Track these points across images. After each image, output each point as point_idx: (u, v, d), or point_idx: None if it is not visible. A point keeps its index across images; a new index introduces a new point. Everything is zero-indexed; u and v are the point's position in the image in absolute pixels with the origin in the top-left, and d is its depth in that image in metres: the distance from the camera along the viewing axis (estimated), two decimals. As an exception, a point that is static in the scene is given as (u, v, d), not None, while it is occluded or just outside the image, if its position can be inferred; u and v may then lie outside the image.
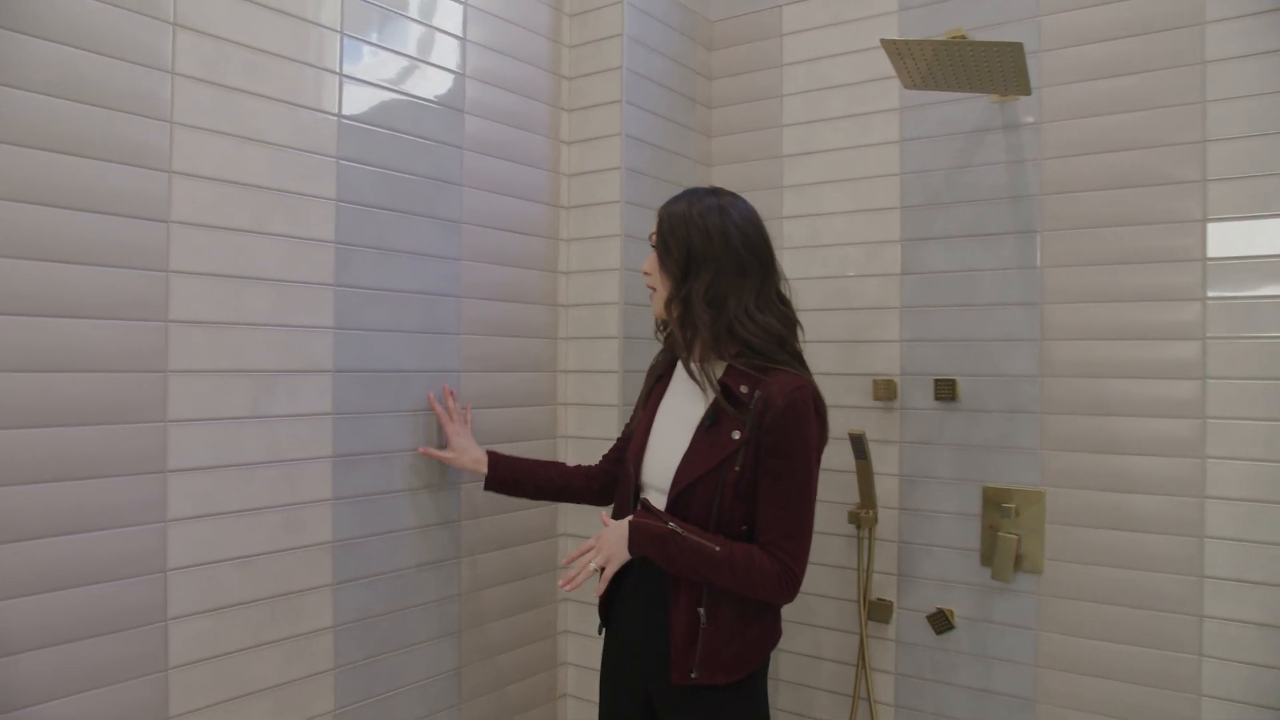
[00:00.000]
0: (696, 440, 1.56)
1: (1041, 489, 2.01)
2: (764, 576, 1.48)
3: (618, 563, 1.55)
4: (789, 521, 1.51)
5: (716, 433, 1.54)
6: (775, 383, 1.51)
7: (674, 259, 1.58)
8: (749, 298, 1.56)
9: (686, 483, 1.54)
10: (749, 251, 1.57)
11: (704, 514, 1.53)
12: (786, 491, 1.50)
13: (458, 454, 1.91)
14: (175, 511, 1.51)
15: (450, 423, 1.94)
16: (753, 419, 1.50)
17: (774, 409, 1.49)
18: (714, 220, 1.56)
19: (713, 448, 1.53)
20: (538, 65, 2.24)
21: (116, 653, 1.44)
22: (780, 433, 1.49)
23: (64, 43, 1.37)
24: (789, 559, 1.49)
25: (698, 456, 1.54)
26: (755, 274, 1.58)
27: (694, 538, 1.48)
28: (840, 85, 2.32)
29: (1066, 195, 2.00)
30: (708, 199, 1.60)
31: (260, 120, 1.64)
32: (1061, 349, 2.00)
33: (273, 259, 1.66)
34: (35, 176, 1.34)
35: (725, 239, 1.55)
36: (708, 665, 1.53)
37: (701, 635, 1.52)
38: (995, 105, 2.08)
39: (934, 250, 2.17)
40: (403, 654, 1.90)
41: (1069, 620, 1.98)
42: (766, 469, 1.50)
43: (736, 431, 1.51)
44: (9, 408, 1.31)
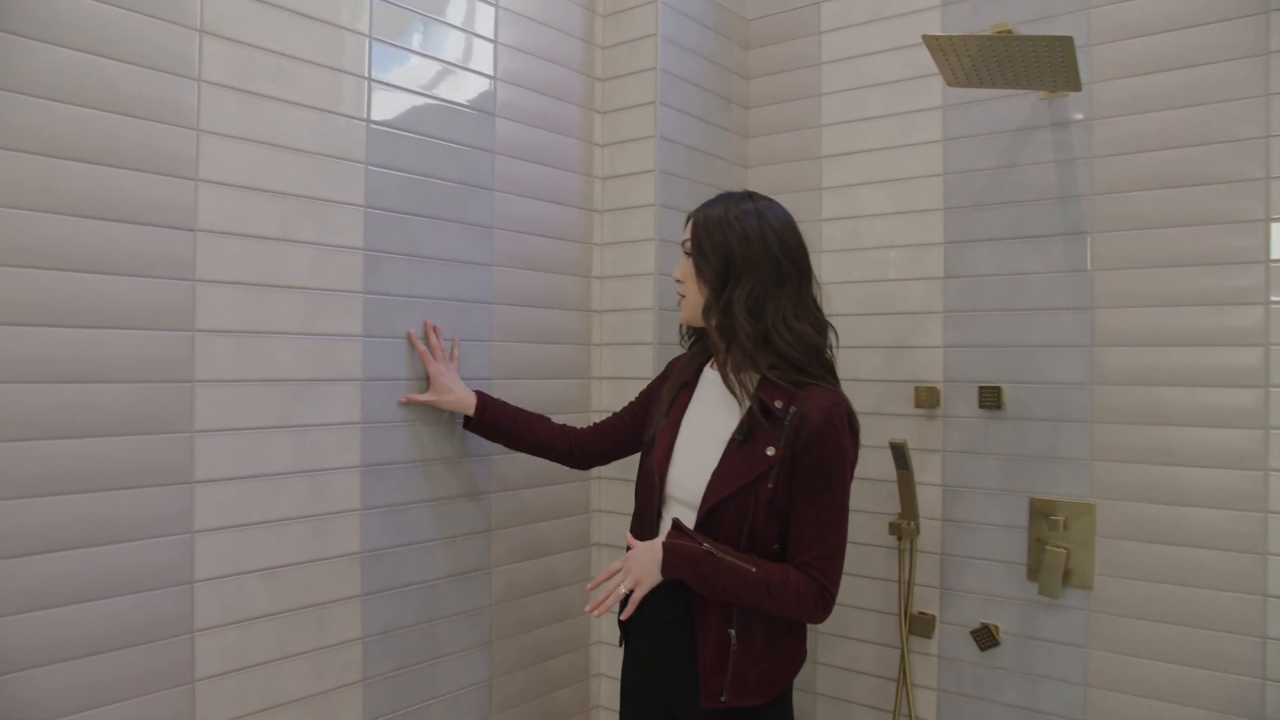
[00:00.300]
0: (728, 456, 1.50)
1: (1091, 501, 1.93)
2: (800, 597, 1.45)
3: (648, 586, 1.49)
4: (826, 541, 1.47)
5: (750, 449, 1.48)
6: (812, 399, 1.47)
7: (711, 265, 1.53)
8: (787, 306, 1.52)
9: (718, 499, 1.48)
10: (787, 258, 1.53)
11: (735, 532, 1.47)
12: (823, 510, 1.47)
13: (440, 394, 1.81)
14: (202, 523, 1.50)
15: (434, 361, 1.82)
16: (788, 435, 1.46)
17: (811, 426, 1.45)
18: (752, 225, 1.52)
19: (746, 464, 1.48)
20: (570, 67, 2.20)
21: (144, 664, 1.43)
22: (817, 451, 1.45)
23: (91, 52, 1.36)
24: (825, 579, 1.46)
25: (730, 472, 1.49)
26: (793, 281, 1.54)
27: (729, 558, 1.44)
28: (881, 83, 2.26)
29: (1119, 195, 1.91)
30: (744, 203, 1.55)
31: (288, 126, 1.62)
32: (1113, 355, 1.92)
33: (301, 267, 1.64)
34: (62, 186, 1.33)
35: (764, 245, 1.51)
36: (738, 687, 1.48)
37: (732, 657, 1.48)
38: (1043, 102, 2.00)
39: (979, 253, 2.10)
40: (433, 665, 1.88)
41: (1121, 638, 1.90)
42: (803, 487, 1.46)
43: (771, 448, 1.46)
44: (35, 419, 1.31)
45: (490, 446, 1.98)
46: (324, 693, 1.68)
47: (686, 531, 1.48)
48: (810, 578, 1.45)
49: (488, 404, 1.83)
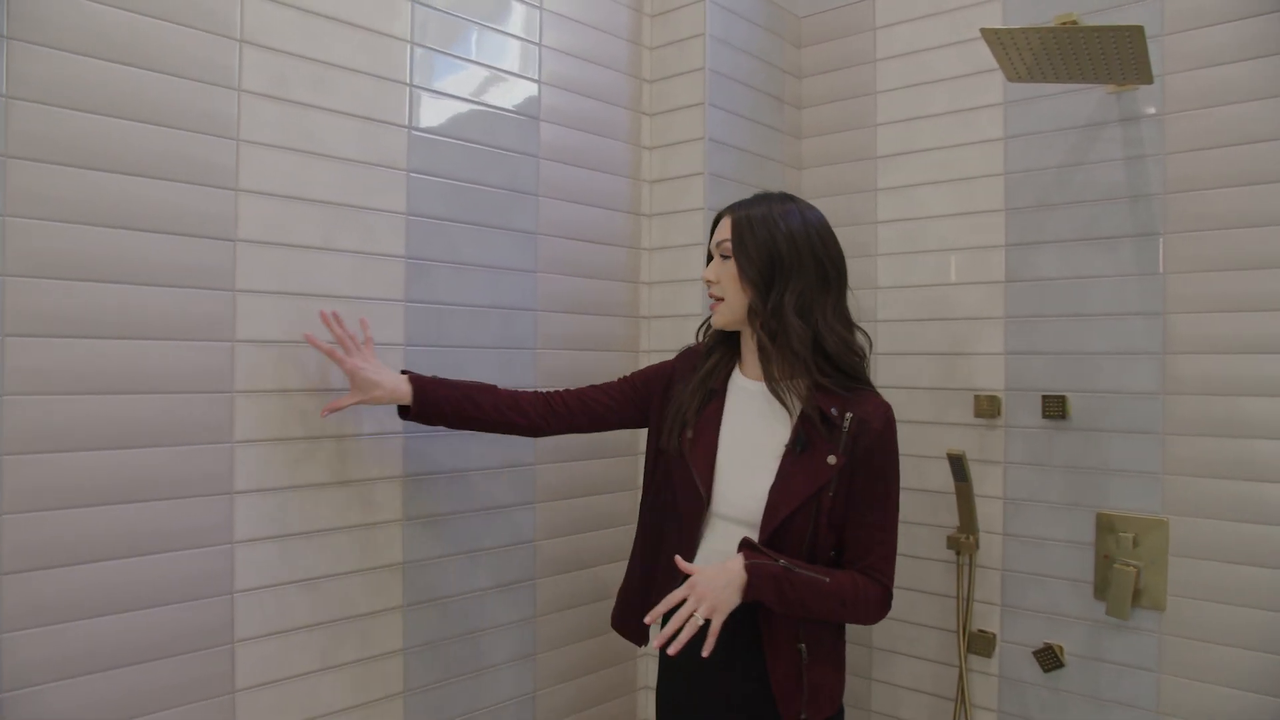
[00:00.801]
0: (786, 467, 1.44)
1: (1164, 517, 1.83)
2: (870, 602, 1.44)
3: (726, 612, 1.33)
4: (887, 544, 1.47)
5: (808, 459, 1.43)
6: (868, 404, 1.46)
7: (756, 266, 1.46)
8: (830, 310, 1.47)
9: (784, 515, 1.41)
10: (829, 261, 1.48)
11: (799, 546, 1.42)
12: (884, 514, 1.47)
13: (366, 391, 1.54)
14: (242, 533, 1.50)
15: (347, 357, 1.54)
16: (847, 442, 1.42)
17: (871, 431, 1.43)
18: (797, 225, 1.47)
19: (806, 475, 1.42)
20: (617, 69, 2.16)
21: (185, 674, 1.43)
22: (880, 456, 1.45)
23: (131, 64, 1.36)
24: (889, 580, 1.47)
25: (792, 485, 1.42)
26: (835, 285, 1.49)
27: (806, 572, 1.38)
28: (938, 80, 2.17)
29: (1193, 194, 1.80)
30: (786, 203, 1.49)
31: (328, 134, 1.61)
32: (1187, 363, 1.81)
33: (341, 275, 1.63)
34: (103, 198, 1.34)
35: (810, 246, 1.46)
36: (815, 702, 1.44)
37: (806, 672, 1.43)
38: (1112, 96, 1.90)
39: (1042, 255, 2.00)
40: (475, 678, 1.86)
41: (1196, 664, 1.79)
42: (865, 493, 1.44)
43: (832, 456, 1.42)
44: (78, 430, 1.31)
45: (534, 456, 1.95)
46: (365, 704, 1.67)
47: (759, 549, 1.39)
48: (875, 581, 1.45)
49: (425, 387, 1.58)
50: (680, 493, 1.55)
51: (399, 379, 1.58)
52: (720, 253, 1.51)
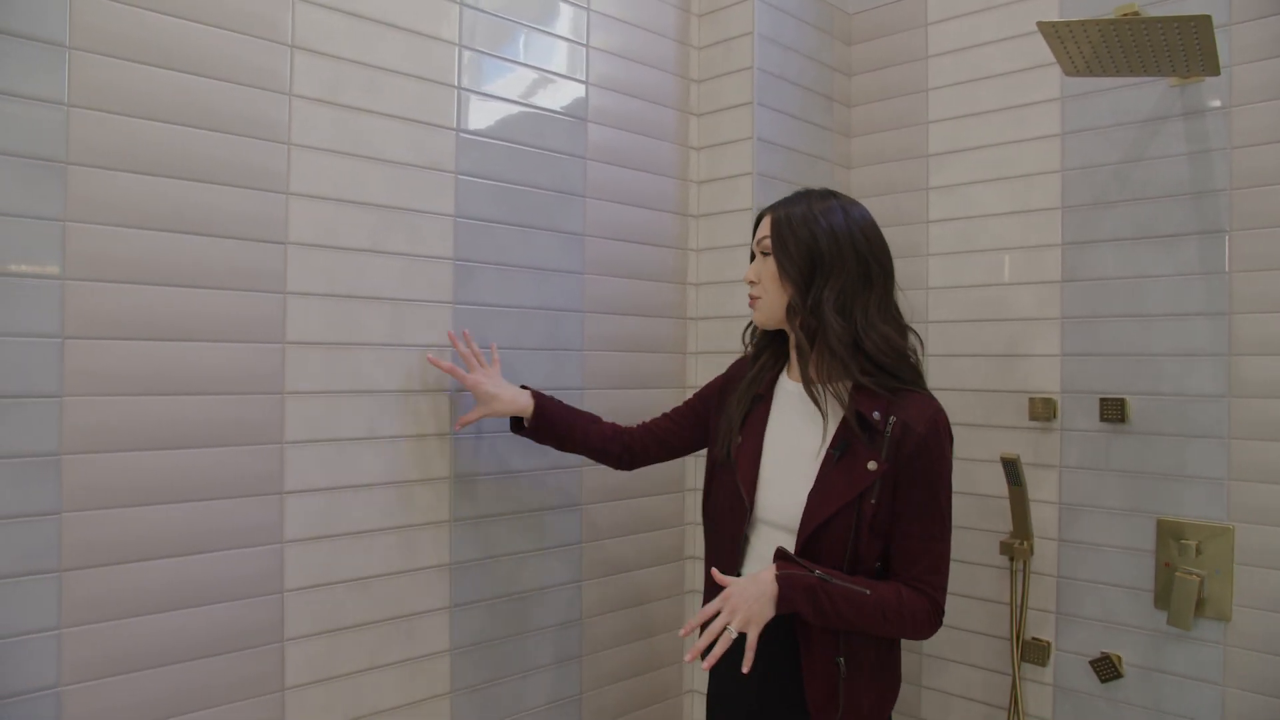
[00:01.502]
0: (825, 472, 1.40)
1: (1229, 524, 1.77)
2: (915, 616, 1.37)
3: (760, 625, 1.31)
4: (934, 554, 1.39)
5: (849, 464, 1.38)
6: (912, 406, 1.39)
7: (795, 263, 1.43)
8: (874, 308, 1.42)
9: (819, 521, 1.37)
10: (873, 258, 1.44)
11: (838, 554, 1.37)
12: (931, 523, 1.39)
13: (488, 404, 1.66)
14: (292, 533, 1.52)
15: (469, 374, 1.67)
16: (889, 447, 1.37)
17: (915, 436, 1.36)
18: (839, 222, 1.43)
19: (846, 480, 1.38)
20: (664, 69, 2.15)
21: (236, 672, 1.45)
22: (924, 462, 1.37)
23: (184, 70, 1.39)
24: (936, 593, 1.39)
25: (830, 490, 1.38)
26: (879, 283, 1.44)
27: (843, 584, 1.33)
28: (992, 76, 2.12)
29: (1261, 189, 1.74)
30: (827, 200, 1.46)
31: (377, 138, 1.62)
32: (1254, 366, 1.74)
33: (390, 278, 1.64)
34: (156, 203, 1.36)
35: (852, 243, 1.42)
36: (852, 715, 1.40)
37: (843, 686, 1.39)
38: (1175, 89, 1.84)
39: (1100, 254, 1.94)
40: (521, 679, 1.86)
41: (1264, 677, 1.73)
42: (909, 500, 1.37)
43: (873, 462, 1.37)
44: (132, 431, 1.34)
45: (580, 459, 1.95)
46: (412, 704, 1.68)
47: (793, 559, 1.36)
48: (921, 593, 1.38)
49: (544, 405, 1.70)
50: (724, 500, 1.53)
51: (519, 393, 1.69)
52: (760, 250, 1.49)
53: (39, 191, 1.26)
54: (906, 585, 1.38)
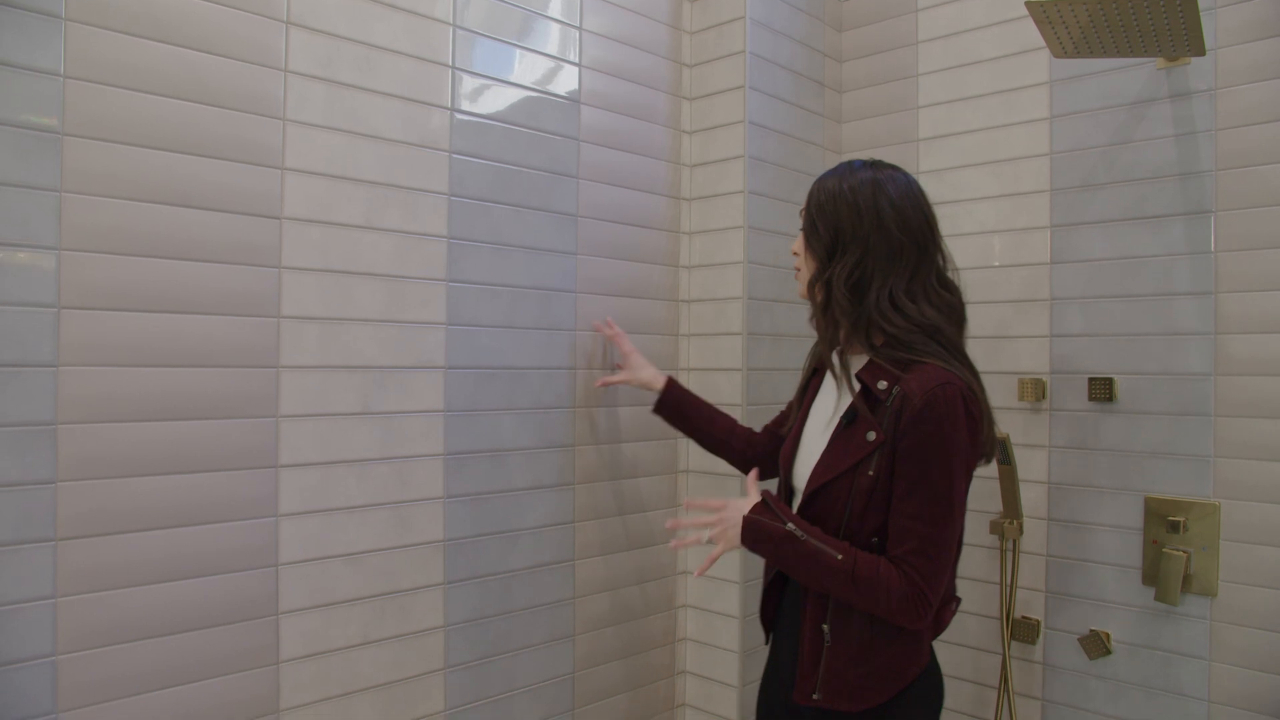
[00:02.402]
0: (833, 441, 1.41)
1: (1215, 501, 1.79)
2: (889, 593, 1.30)
3: (728, 547, 1.43)
4: (921, 536, 1.31)
5: (851, 433, 1.37)
6: (915, 378, 1.32)
7: (820, 238, 1.41)
8: (899, 283, 1.38)
9: (816, 485, 1.39)
10: (902, 232, 1.38)
11: (834, 521, 1.37)
12: (921, 502, 1.31)
13: (635, 370, 1.94)
14: (287, 506, 1.52)
15: (625, 338, 1.98)
16: (889, 419, 1.33)
17: (911, 408, 1.30)
18: (865, 196, 1.39)
19: (846, 450, 1.37)
20: (657, 53, 2.16)
21: (230, 645, 1.46)
22: (916, 435, 1.30)
23: (181, 44, 1.39)
24: (920, 578, 1.30)
25: (832, 458, 1.39)
26: (910, 257, 1.39)
27: (814, 542, 1.33)
28: (981, 60, 2.14)
29: (1246, 170, 1.76)
30: (862, 173, 1.42)
31: (372, 116, 1.63)
32: (1239, 344, 1.77)
33: (384, 254, 1.65)
34: (152, 175, 1.37)
35: (877, 218, 1.38)
36: (831, 688, 1.38)
37: (825, 654, 1.38)
38: (1161, 72, 1.87)
39: (1088, 236, 1.97)
40: (515, 656, 1.87)
41: (1248, 651, 1.75)
42: (901, 474, 1.32)
43: (871, 433, 1.34)
44: (127, 402, 1.34)
45: (574, 438, 1.96)
46: (406, 679, 1.69)
47: (774, 508, 1.39)
48: (903, 574, 1.31)
49: (676, 388, 1.89)
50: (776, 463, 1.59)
51: (657, 373, 1.92)
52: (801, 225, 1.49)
53: (35, 163, 1.26)
54: (892, 563, 1.33)
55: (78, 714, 1.30)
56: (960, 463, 1.32)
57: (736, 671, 2.12)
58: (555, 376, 1.93)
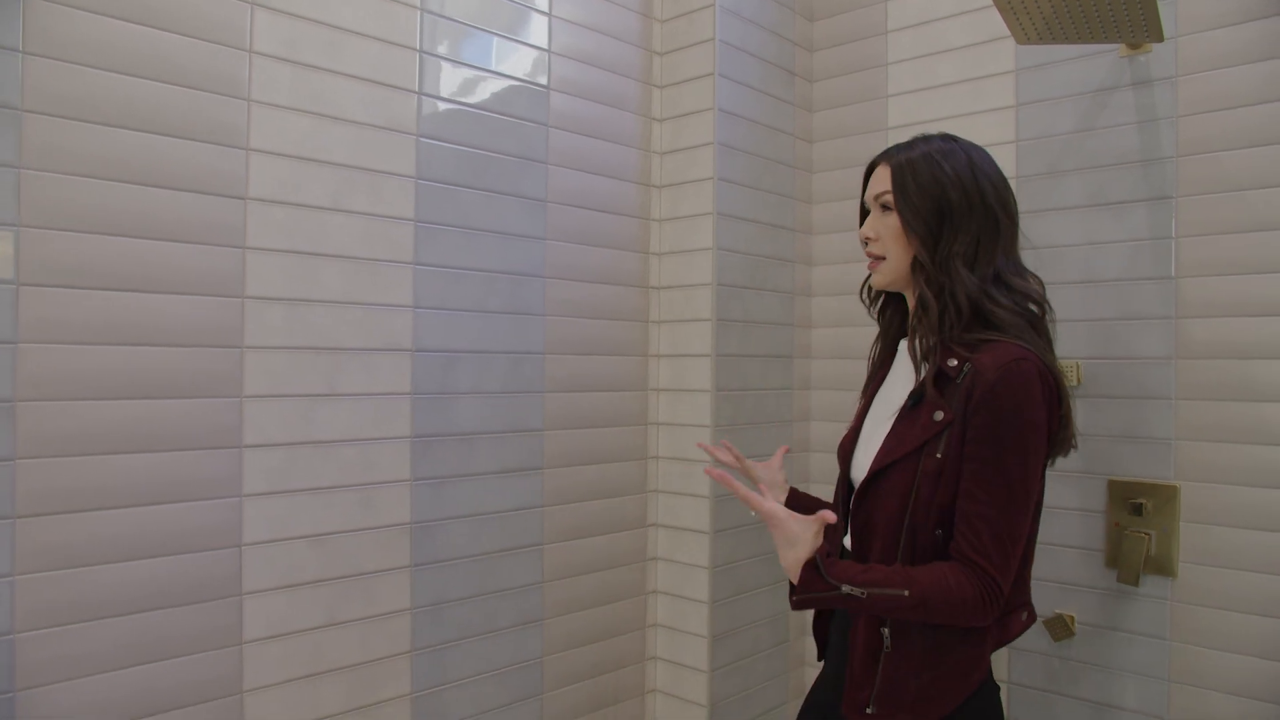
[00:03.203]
0: (896, 425, 1.32)
1: (1175, 483, 1.81)
2: (964, 604, 1.21)
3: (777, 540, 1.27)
4: (996, 524, 1.21)
5: (917, 415, 1.29)
6: (988, 354, 1.24)
7: (922, 216, 1.31)
8: (1003, 261, 1.33)
9: (878, 468, 1.30)
10: (1000, 204, 1.33)
11: (897, 510, 1.28)
12: (993, 485, 1.21)
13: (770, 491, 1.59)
14: (250, 487, 1.52)
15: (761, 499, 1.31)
16: (959, 398, 1.24)
17: (984, 384, 1.21)
18: (963, 165, 1.33)
19: (911, 430, 1.28)
20: (627, 40, 2.17)
21: (192, 624, 1.45)
22: (990, 412, 1.21)
23: (143, 23, 1.39)
24: (994, 570, 1.21)
25: (895, 442, 1.30)
26: (1006, 231, 1.35)
27: (877, 591, 1.21)
28: (950, 49, 2.16)
29: (1206, 156, 1.79)
30: (948, 143, 1.36)
31: (339, 98, 1.63)
32: (1200, 328, 1.79)
33: (351, 236, 1.65)
34: (115, 155, 1.36)
35: (979, 189, 1.32)
36: (888, 700, 1.28)
37: (883, 660, 1.28)
38: (1124, 60, 1.89)
39: (1052, 222, 1.99)
40: (482, 640, 1.87)
41: (1207, 631, 1.77)
42: (972, 456, 1.22)
43: (939, 412, 1.25)
44: (89, 380, 1.34)
45: (543, 422, 1.97)
46: (372, 662, 1.69)
47: (822, 574, 1.22)
48: (973, 573, 1.21)
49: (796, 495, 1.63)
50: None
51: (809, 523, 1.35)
52: (880, 203, 1.38)
53: (-7, 138, 1.26)
54: (959, 563, 1.23)
55: (36, 693, 1.29)
56: (1036, 444, 1.24)
57: (706, 657, 2.13)
58: (524, 361, 1.93)
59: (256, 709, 1.53)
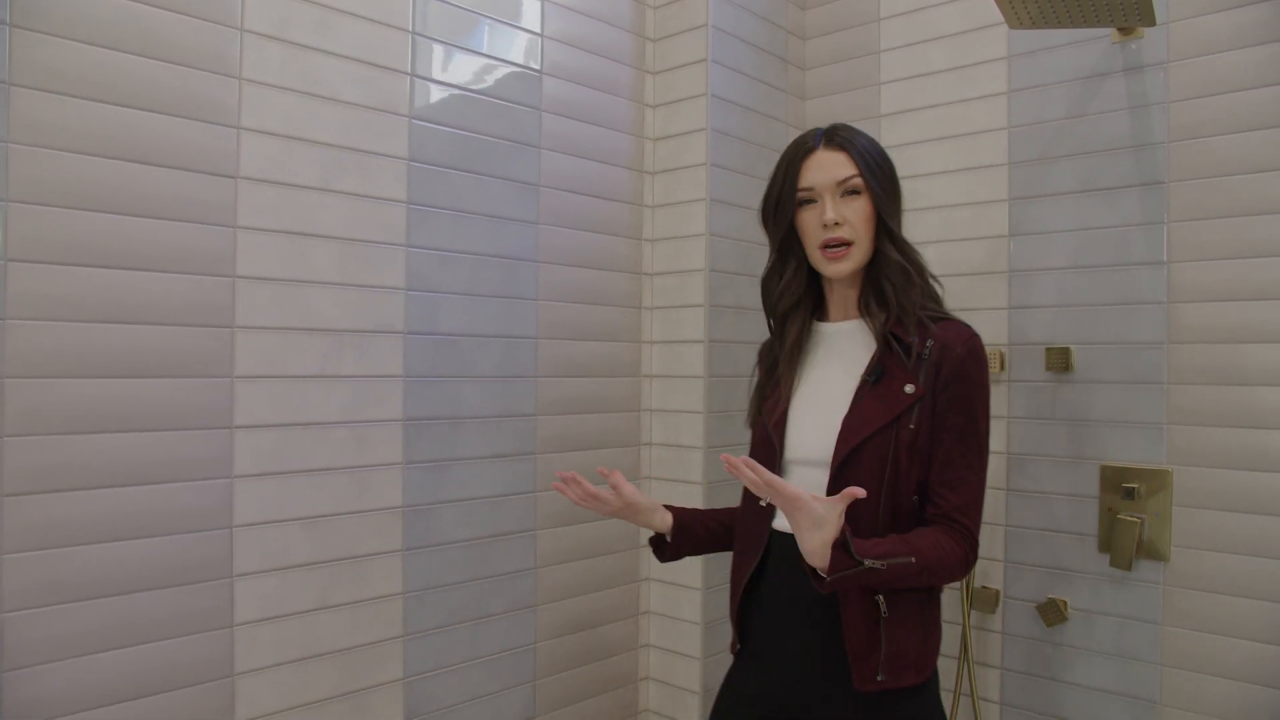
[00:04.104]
0: (859, 400, 1.36)
1: (1167, 468, 1.82)
2: (955, 563, 1.30)
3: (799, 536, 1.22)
4: (970, 484, 1.33)
5: (885, 388, 1.34)
6: (950, 330, 1.36)
7: (889, 194, 1.42)
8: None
9: (852, 445, 1.32)
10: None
11: (875, 480, 1.31)
12: (970, 451, 1.33)
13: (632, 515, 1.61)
14: (242, 468, 1.51)
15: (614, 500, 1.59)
16: (927, 371, 1.33)
17: (953, 357, 1.33)
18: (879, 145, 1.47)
19: (882, 405, 1.33)
20: (620, 26, 2.16)
21: (182, 606, 1.44)
22: (962, 384, 1.33)
23: (132, -3, 1.38)
24: (974, 528, 1.33)
25: (865, 416, 1.34)
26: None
27: (892, 561, 1.22)
28: (942, 36, 2.16)
29: (1198, 141, 1.79)
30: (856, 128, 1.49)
31: (330, 77, 1.62)
32: (1191, 312, 1.80)
33: (343, 217, 1.64)
34: (105, 131, 1.35)
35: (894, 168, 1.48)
36: (895, 663, 1.31)
37: (884, 627, 1.31)
38: (1116, 46, 1.89)
39: (1045, 209, 1.99)
40: (475, 625, 1.86)
41: (1199, 614, 1.78)
42: (948, 426, 1.33)
43: (910, 385, 1.33)
44: (80, 357, 1.33)
45: (535, 407, 1.96)
46: (363, 646, 1.67)
47: (851, 552, 1.20)
48: (957, 533, 1.31)
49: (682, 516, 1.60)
50: (755, 453, 1.48)
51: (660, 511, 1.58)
52: (845, 189, 1.39)
53: (-20, 111, 1.24)
54: (942, 526, 1.31)
55: (23, 673, 1.28)
56: (989, 409, 1.38)
57: (699, 644, 2.13)
58: (517, 345, 1.92)
59: (248, 692, 1.51)
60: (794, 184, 1.43)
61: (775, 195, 1.46)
